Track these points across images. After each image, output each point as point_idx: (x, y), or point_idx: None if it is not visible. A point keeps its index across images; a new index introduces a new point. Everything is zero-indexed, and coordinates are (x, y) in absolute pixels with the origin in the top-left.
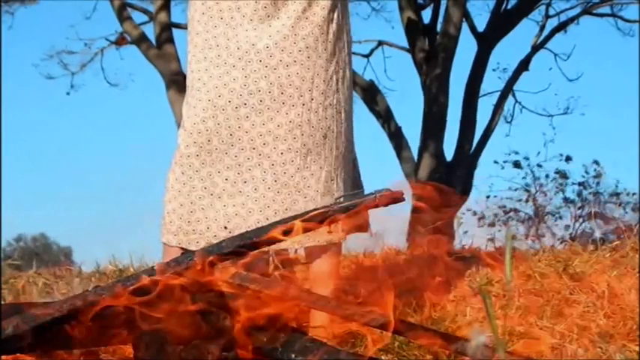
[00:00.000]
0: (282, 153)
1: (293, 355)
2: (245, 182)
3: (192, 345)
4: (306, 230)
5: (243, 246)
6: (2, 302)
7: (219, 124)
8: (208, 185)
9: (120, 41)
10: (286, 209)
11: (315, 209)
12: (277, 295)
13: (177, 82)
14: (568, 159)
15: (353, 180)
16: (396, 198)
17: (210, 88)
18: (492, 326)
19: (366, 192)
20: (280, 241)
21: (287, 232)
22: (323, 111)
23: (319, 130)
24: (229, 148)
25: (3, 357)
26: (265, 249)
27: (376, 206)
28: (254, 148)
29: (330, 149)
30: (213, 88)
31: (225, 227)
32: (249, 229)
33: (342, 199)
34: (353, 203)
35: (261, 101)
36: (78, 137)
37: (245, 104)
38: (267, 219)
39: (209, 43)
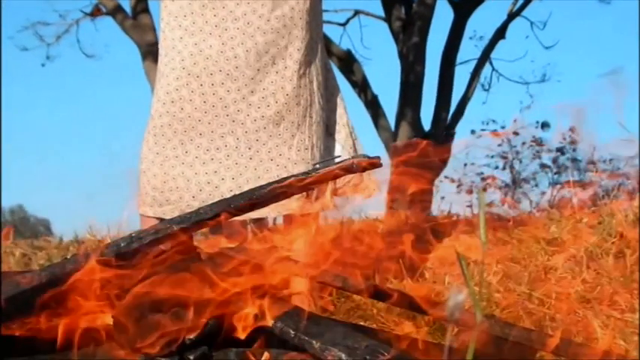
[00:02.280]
0: (255, 120)
1: (272, 321)
2: (218, 149)
3: (172, 312)
4: (284, 197)
5: (221, 213)
6: None
7: (193, 92)
8: (180, 154)
9: (95, 12)
10: (258, 177)
11: (293, 175)
12: (256, 262)
13: (153, 52)
14: (544, 125)
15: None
16: (373, 163)
17: (185, 56)
18: (470, 290)
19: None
20: (258, 207)
21: (265, 199)
22: (298, 79)
23: (293, 98)
24: (203, 115)
25: None
26: (243, 217)
27: (353, 172)
28: (227, 115)
29: (303, 117)
30: (189, 55)
31: (196, 197)
32: (222, 198)
33: (317, 166)
34: (328, 170)
35: (236, 68)
36: (54, 108)
37: (220, 71)
38: (240, 187)
39: (184, 11)
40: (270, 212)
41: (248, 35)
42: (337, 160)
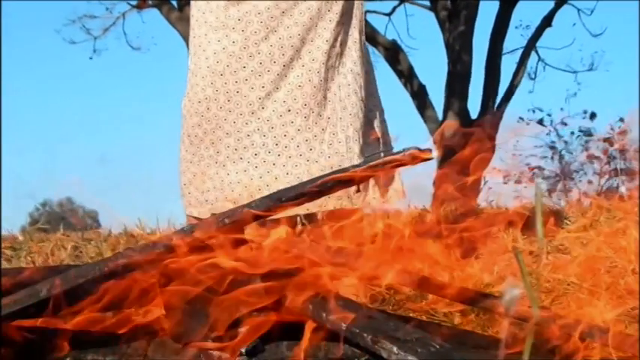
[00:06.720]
0: (281, 115)
1: (324, 314)
2: (245, 148)
3: (222, 305)
4: (330, 192)
5: (272, 207)
6: (35, 265)
7: (217, 91)
8: (213, 153)
9: (141, 4)
10: (287, 173)
11: (342, 169)
12: (307, 255)
13: None
14: (593, 116)
15: (382, 141)
16: (425, 155)
17: (210, 54)
18: (525, 282)
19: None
20: (308, 201)
21: (314, 193)
22: (325, 72)
23: (321, 90)
24: (227, 114)
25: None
26: (294, 213)
27: (403, 165)
28: (252, 113)
29: (333, 110)
30: (212, 54)
31: (228, 197)
32: (252, 198)
33: (368, 158)
34: (379, 162)
35: (260, 64)
36: (102, 101)
37: (244, 67)
38: (268, 185)
39: (210, 6)
40: (315, 208)
41: (272, 30)
42: (386, 152)
